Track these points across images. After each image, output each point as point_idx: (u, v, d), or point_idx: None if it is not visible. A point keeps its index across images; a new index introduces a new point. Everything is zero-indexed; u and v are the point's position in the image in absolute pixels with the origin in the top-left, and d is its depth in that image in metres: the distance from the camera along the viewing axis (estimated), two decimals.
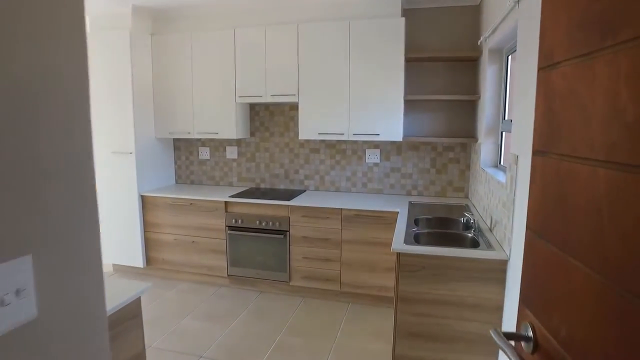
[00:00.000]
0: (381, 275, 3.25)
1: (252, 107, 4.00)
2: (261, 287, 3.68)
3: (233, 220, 3.60)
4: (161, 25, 3.93)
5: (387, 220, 3.17)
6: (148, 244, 3.96)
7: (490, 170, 2.70)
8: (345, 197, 3.60)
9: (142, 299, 3.34)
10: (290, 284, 3.51)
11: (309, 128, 3.49)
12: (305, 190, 3.88)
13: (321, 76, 3.39)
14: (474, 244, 2.32)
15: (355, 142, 3.74)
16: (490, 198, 2.53)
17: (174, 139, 4.32)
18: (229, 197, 3.60)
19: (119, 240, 3.98)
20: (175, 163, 4.37)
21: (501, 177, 2.32)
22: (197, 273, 3.85)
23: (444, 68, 3.46)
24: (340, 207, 3.26)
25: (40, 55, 0.68)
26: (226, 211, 3.62)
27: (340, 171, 3.82)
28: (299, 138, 3.53)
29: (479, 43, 3.10)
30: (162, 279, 3.96)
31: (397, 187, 3.71)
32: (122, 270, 4.16)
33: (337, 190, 3.85)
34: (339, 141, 3.77)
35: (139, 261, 3.96)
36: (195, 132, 3.86)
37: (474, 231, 2.43)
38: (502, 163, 2.89)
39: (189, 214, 3.75)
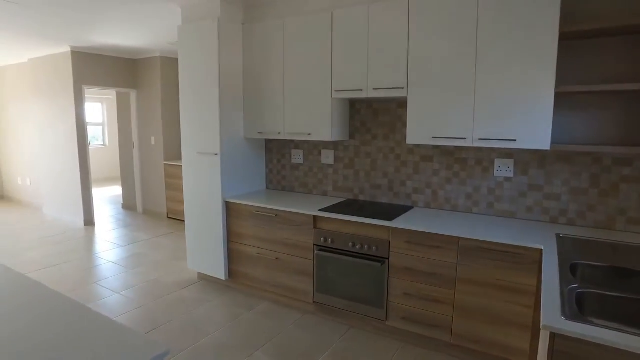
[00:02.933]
0: (508, 332, 2.37)
1: (352, 104, 3.38)
2: (351, 321, 3.04)
3: (322, 239, 3.02)
4: (253, 12, 3.54)
5: (523, 259, 2.28)
6: (231, 256, 3.59)
7: None
8: (464, 219, 2.77)
9: (217, 315, 2.91)
10: (387, 323, 2.81)
11: (420, 130, 2.75)
12: (412, 207, 3.13)
13: (438, 63, 2.62)
14: None
15: (480, 149, 2.89)
16: None
17: (265, 139, 3.91)
18: (319, 210, 3.02)
19: (204, 248, 3.69)
20: (267, 166, 3.96)
21: None
22: (280, 294, 3.36)
23: (619, 45, 2.42)
24: (457, 236, 2.46)
25: None
26: (315, 227, 3.06)
27: (459, 186, 2.99)
28: (408, 142, 2.80)
29: None
30: (243, 295, 3.56)
31: (536, 211, 2.76)
32: (206, 280, 3.87)
33: (454, 209, 3.03)
34: (458, 148, 2.95)
35: (221, 273, 3.61)
36: (285, 133, 3.38)
37: None
38: None
39: (273, 227, 3.27)
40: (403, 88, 2.75)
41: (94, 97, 10.43)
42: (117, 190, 9.00)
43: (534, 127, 2.39)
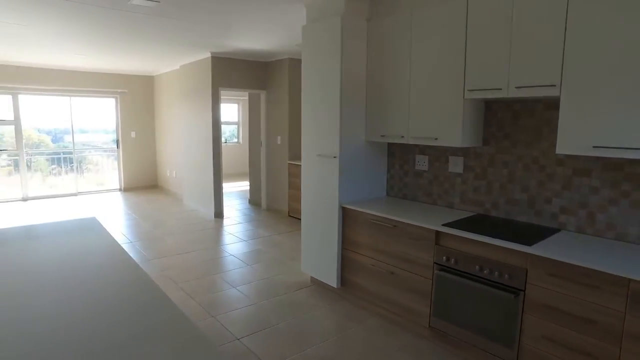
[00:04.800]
0: None
1: (488, 105, 2.93)
2: (472, 355, 2.62)
3: (444, 258, 2.67)
4: (379, 7, 3.31)
5: None
6: (344, 263, 3.43)
7: None
8: (637, 254, 2.15)
9: (325, 325, 2.76)
10: None
11: (576, 137, 2.21)
12: (558, 230, 2.58)
13: (615, 53, 2.07)
14: None
15: None
16: None
17: (388, 143, 3.66)
18: (443, 225, 2.67)
19: (318, 252, 3.60)
20: (388, 172, 3.71)
21: None
22: (392, 312, 3.09)
23: None
24: (627, 277, 1.90)
25: None
26: (437, 243, 2.72)
27: (631, 209, 2.34)
28: (557, 152, 2.28)
29: None
30: (354, 306, 3.37)
31: None
32: (318, 285, 3.79)
33: (620, 238, 2.40)
34: (632, 161, 2.32)
35: (333, 280, 3.48)
36: (409, 137, 3.09)
37: None
38: None
39: (390, 238, 3.02)
40: (555, 86, 2.25)
41: (231, 98, 11.35)
42: (246, 185, 9.64)
43: None
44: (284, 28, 4.48)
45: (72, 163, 8.63)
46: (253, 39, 5.06)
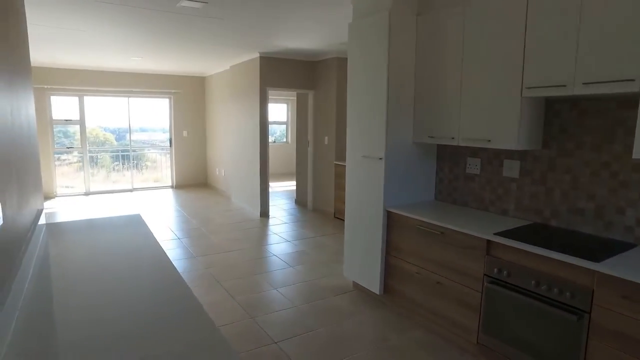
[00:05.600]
0: None
1: (550, 104, 2.67)
2: None
3: (496, 270, 2.45)
4: (429, 0, 3.11)
5: None
6: (388, 270, 3.28)
7: None
8: None
9: (366, 333, 2.66)
10: None
11: None
12: (634, 246, 2.28)
13: None
14: None
15: None
16: None
17: (437, 145, 3.46)
18: (495, 234, 2.46)
19: (361, 257, 3.47)
20: (437, 175, 3.50)
21: None
22: (437, 324, 2.90)
23: None
24: None
25: None
26: (488, 253, 2.50)
27: None
28: (634, 157, 2.00)
29: None
30: (396, 315, 3.21)
31: None
32: (360, 290, 3.65)
33: None
34: None
35: (375, 286, 3.34)
36: (460, 138, 2.88)
37: None
38: None
39: (437, 245, 2.83)
40: (634, 80, 1.97)
41: (280, 98, 11.44)
42: (294, 185, 9.66)
43: None
44: (331, 26, 4.39)
45: (130, 160, 9.08)
46: (300, 38, 5.02)
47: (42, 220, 2.40)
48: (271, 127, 12.04)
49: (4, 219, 1.33)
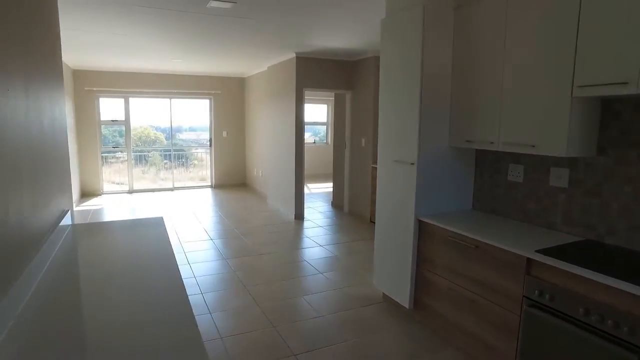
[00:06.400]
0: None
1: (606, 105, 2.34)
2: None
3: (537, 292, 2.17)
4: None
5: None
6: (419, 283, 3.05)
7: None
8: None
9: (393, 350, 2.50)
10: None
11: None
12: None
13: None
14: None
15: None
16: None
17: (476, 150, 3.19)
18: (537, 251, 2.18)
19: (391, 267, 3.27)
20: (475, 182, 3.23)
21: None
22: (470, 345, 2.64)
23: None
24: None
25: None
26: (528, 273, 2.23)
27: None
28: None
29: None
30: (427, 332, 2.98)
31: None
32: (390, 303, 3.44)
33: None
34: None
35: (405, 299, 3.13)
36: (500, 143, 2.61)
37: None
38: None
39: (471, 260, 2.58)
40: None
41: (320, 98, 11.33)
42: (331, 187, 9.52)
43: None
44: (367, 25, 4.20)
45: (175, 159, 9.33)
46: (335, 37, 4.86)
47: (68, 221, 2.41)
48: (314, 128, 11.98)
49: (8, 221, 1.29)
